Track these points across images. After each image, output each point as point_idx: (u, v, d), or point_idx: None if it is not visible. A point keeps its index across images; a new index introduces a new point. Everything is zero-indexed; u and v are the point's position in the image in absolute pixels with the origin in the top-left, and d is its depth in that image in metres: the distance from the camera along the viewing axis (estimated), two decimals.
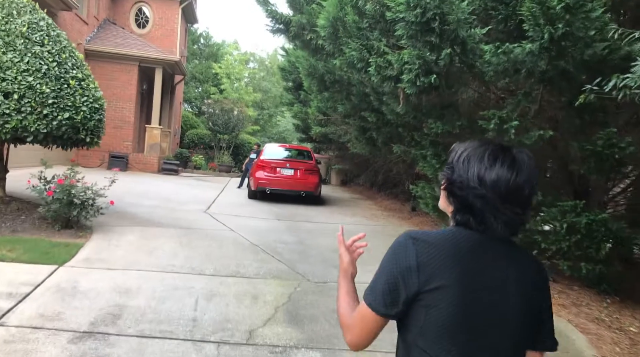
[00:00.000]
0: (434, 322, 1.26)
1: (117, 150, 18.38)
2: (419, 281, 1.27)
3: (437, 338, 1.27)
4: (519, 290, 1.31)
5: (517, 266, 1.33)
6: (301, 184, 13.43)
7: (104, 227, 7.88)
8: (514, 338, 1.31)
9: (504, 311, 1.29)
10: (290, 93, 20.76)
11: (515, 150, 1.34)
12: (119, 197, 10.94)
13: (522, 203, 1.30)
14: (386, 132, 9.35)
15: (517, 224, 1.32)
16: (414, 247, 1.30)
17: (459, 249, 1.29)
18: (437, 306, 1.26)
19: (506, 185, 1.27)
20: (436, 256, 1.28)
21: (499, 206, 1.28)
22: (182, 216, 9.84)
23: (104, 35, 18.89)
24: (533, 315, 1.34)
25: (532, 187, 1.31)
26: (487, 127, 5.75)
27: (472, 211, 1.32)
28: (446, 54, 5.34)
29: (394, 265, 1.31)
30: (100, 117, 8.24)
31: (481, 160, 1.31)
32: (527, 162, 1.32)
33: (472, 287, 1.26)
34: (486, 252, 1.30)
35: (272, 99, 44.17)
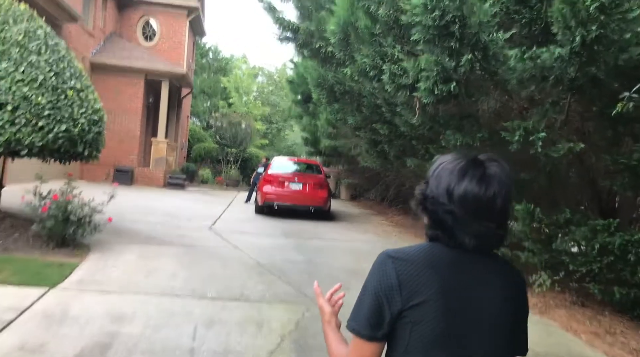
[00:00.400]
0: (419, 339, 1.25)
1: (122, 164, 18.06)
2: (402, 299, 1.25)
3: (423, 354, 1.26)
4: (501, 302, 1.30)
5: (499, 280, 1.32)
6: (310, 199, 13.00)
7: (102, 246, 7.48)
8: (499, 349, 1.31)
9: (487, 324, 1.28)
10: (299, 106, 20.37)
11: (488, 162, 1.32)
12: (121, 213, 10.57)
13: (495, 217, 1.28)
14: (399, 145, 8.93)
15: (492, 237, 1.30)
16: (393, 266, 1.29)
17: (438, 264, 1.28)
18: (421, 322, 1.25)
19: (474, 200, 1.26)
20: (416, 273, 1.26)
21: (469, 221, 1.26)
22: (185, 232, 9.43)
23: (110, 48, 18.68)
24: (516, 325, 1.34)
25: (504, 199, 1.28)
26: (511, 139, 5.31)
27: (442, 227, 1.30)
28: (467, 60, 4.92)
29: (376, 286, 1.29)
30: (100, 130, 7.87)
31: (450, 175, 1.30)
32: (499, 174, 1.29)
33: (454, 301, 1.26)
34: (466, 266, 1.30)
35: (280, 112, 43.92)
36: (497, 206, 1.27)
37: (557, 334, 5.50)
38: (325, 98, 10.28)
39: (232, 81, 39.85)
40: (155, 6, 20.78)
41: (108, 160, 17.95)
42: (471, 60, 5.00)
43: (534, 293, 6.68)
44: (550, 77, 4.87)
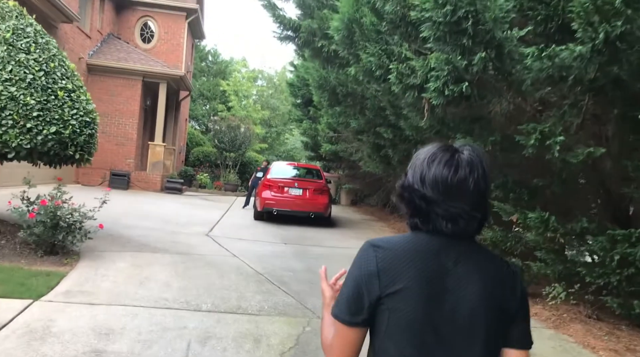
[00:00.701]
0: (397, 325, 1.28)
1: (119, 168, 17.73)
2: (380, 286, 1.29)
3: (401, 340, 1.28)
4: (483, 290, 1.29)
5: (479, 264, 1.32)
6: (310, 205, 12.67)
7: (93, 253, 7.15)
8: (480, 337, 1.29)
9: (468, 312, 1.28)
10: (299, 109, 20.08)
11: (461, 148, 1.35)
12: (115, 218, 10.24)
13: (467, 198, 1.29)
14: (403, 149, 8.60)
15: (468, 220, 1.30)
16: (374, 254, 1.32)
17: (418, 252, 1.30)
18: (399, 309, 1.27)
19: (444, 182, 1.29)
20: (396, 261, 1.29)
21: (441, 203, 1.29)
22: (181, 239, 9.09)
23: (107, 49, 18.37)
24: (501, 314, 1.32)
25: (476, 182, 1.29)
26: (526, 143, 4.99)
27: (418, 213, 1.34)
28: (480, 58, 4.61)
29: (357, 273, 1.34)
30: (92, 132, 7.54)
31: (423, 162, 1.35)
32: (469, 158, 1.32)
33: (432, 288, 1.27)
34: (447, 254, 1.31)
35: (280, 116, 43.56)
36: (469, 188, 1.29)
37: (574, 350, 5.17)
38: (326, 100, 9.96)
39: (231, 84, 39.55)
40: (153, 8, 20.49)
41: (104, 164, 17.64)
42: (484, 59, 4.68)
43: (546, 305, 6.35)
44: (569, 77, 4.55)
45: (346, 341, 1.34)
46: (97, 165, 17.42)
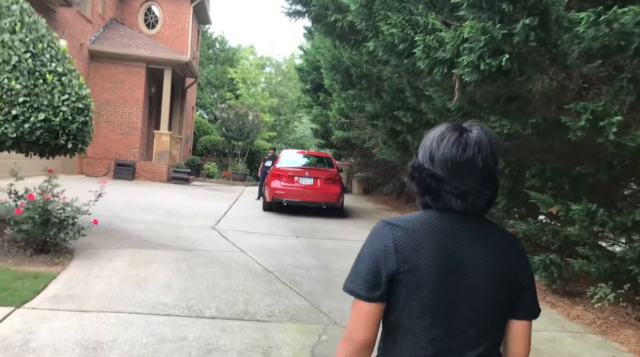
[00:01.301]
0: (415, 300, 1.31)
1: (123, 158, 17.17)
2: (397, 261, 1.32)
3: (419, 315, 1.32)
4: (494, 263, 1.35)
5: (491, 242, 1.38)
6: (321, 195, 12.04)
7: (87, 251, 6.57)
8: (493, 308, 1.36)
9: (481, 285, 1.33)
10: (309, 95, 19.36)
11: (470, 127, 1.39)
12: (116, 211, 9.68)
13: (476, 176, 1.33)
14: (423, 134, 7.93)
15: (477, 197, 1.34)
16: (391, 232, 1.36)
17: (432, 229, 1.34)
18: (417, 285, 1.31)
19: (453, 160, 1.33)
20: (411, 238, 1.33)
21: (451, 181, 1.33)
22: (185, 233, 8.50)
23: (110, 35, 17.75)
24: (511, 286, 1.38)
25: (485, 160, 1.34)
26: (574, 126, 4.31)
27: (429, 191, 1.38)
28: (523, 25, 3.92)
29: (373, 249, 1.37)
30: (86, 119, 6.94)
31: (432, 142, 1.39)
32: (478, 137, 1.35)
33: (448, 264, 1.31)
34: (459, 231, 1.35)
35: (289, 104, 42.89)
36: (478, 166, 1.33)
37: None
38: (339, 83, 9.28)
39: (239, 72, 38.90)
40: None
41: (109, 154, 17.10)
42: (527, 27, 4.00)
43: (589, 307, 5.71)
44: (630, 46, 3.86)
45: (366, 318, 1.35)
46: (101, 155, 16.92)
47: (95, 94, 16.89)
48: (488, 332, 1.38)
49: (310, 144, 39.11)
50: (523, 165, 5.95)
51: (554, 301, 6.01)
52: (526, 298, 1.43)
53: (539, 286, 6.61)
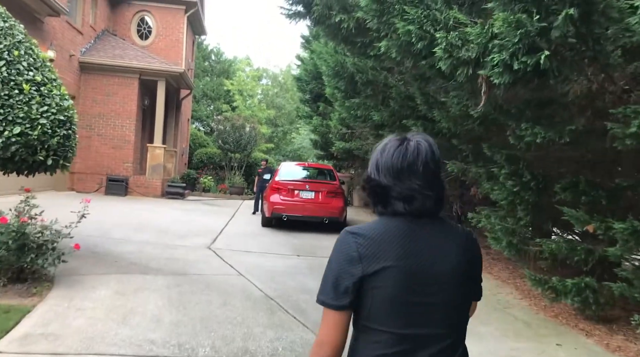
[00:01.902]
0: (381, 301, 1.40)
1: (116, 173, 16.55)
2: (362, 268, 1.40)
3: (386, 314, 1.41)
4: (454, 259, 1.45)
5: (448, 239, 1.48)
6: (323, 209, 11.43)
7: (70, 278, 5.95)
8: (460, 299, 1.47)
9: (446, 280, 1.43)
10: (308, 105, 18.79)
11: (410, 136, 1.50)
12: (106, 231, 9.06)
13: (418, 177, 1.44)
14: None
15: (423, 200, 1.44)
16: (354, 240, 1.44)
17: (391, 234, 1.43)
18: (381, 288, 1.39)
19: (394, 167, 1.45)
20: (373, 245, 1.42)
21: (395, 187, 1.45)
22: (179, 255, 7.88)
23: (101, 46, 17.19)
24: (469, 277, 1.50)
25: (425, 163, 1.44)
26: (624, 132, 3.73)
27: (378, 199, 1.49)
28: (567, 15, 3.35)
29: (339, 259, 1.45)
30: (69, 133, 6.34)
31: (377, 153, 1.52)
32: (417, 144, 1.46)
33: (410, 265, 1.40)
34: (416, 232, 1.44)
35: (286, 115, 42.45)
36: (419, 169, 1.44)
37: None
38: (342, 91, 8.70)
39: (235, 84, 38.56)
40: (150, 2, 19.28)
41: (100, 168, 16.49)
42: (568, 20, 3.43)
43: (630, 337, 5.10)
44: None
45: (335, 325, 1.43)
46: (93, 170, 16.32)
47: (87, 107, 16.34)
48: (457, 322, 1.48)
49: (309, 156, 38.57)
50: (550, 178, 5.36)
51: (589, 328, 5.41)
52: (477, 283, 1.58)
53: (569, 310, 6.00)
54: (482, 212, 6.77)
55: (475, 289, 1.59)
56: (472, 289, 1.56)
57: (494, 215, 6.47)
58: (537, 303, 6.42)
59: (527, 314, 6.03)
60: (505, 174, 5.54)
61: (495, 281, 7.61)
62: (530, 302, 6.51)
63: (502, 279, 7.69)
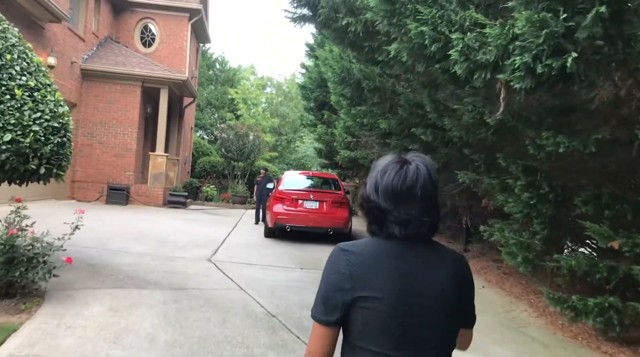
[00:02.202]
0: (370, 322, 1.40)
1: (117, 182, 16.30)
2: (353, 287, 1.41)
3: (375, 336, 1.41)
4: (443, 283, 1.44)
5: (439, 263, 1.48)
6: (328, 220, 11.13)
7: (62, 293, 5.66)
8: (445, 325, 1.45)
9: (433, 302, 1.42)
10: (312, 113, 18.53)
11: (410, 159, 1.49)
12: (104, 242, 8.79)
13: (417, 202, 1.45)
14: (444, 154, 7.07)
15: (418, 225, 1.44)
16: (346, 258, 1.45)
17: (383, 256, 1.45)
18: (371, 308, 1.39)
19: (394, 190, 1.45)
20: (365, 264, 1.43)
21: (393, 211, 1.45)
22: (178, 267, 7.59)
23: (103, 53, 17.00)
24: (460, 301, 1.49)
25: (423, 188, 1.44)
26: None
27: (374, 220, 1.50)
28: (598, 13, 3.07)
29: (330, 276, 1.47)
30: (63, 140, 6.07)
31: (377, 174, 1.50)
32: (417, 168, 1.46)
33: (400, 287, 1.40)
34: (407, 255, 1.45)
35: (290, 124, 42.26)
36: (417, 195, 1.45)
37: None
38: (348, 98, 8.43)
39: (239, 92, 38.42)
40: (153, 9, 19.11)
41: (101, 177, 16.25)
42: (600, 19, 3.14)
43: None
44: None
45: (323, 339, 1.46)
46: (94, 178, 16.08)
47: (88, 115, 16.13)
48: (444, 344, 1.48)
49: (312, 164, 38.29)
50: (570, 190, 5.06)
51: (612, 351, 5.07)
52: (469, 309, 1.58)
53: (589, 330, 5.67)
54: (495, 225, 6.46)
55: (467, 315, 1.58)
56: (463, 314, 1.55)
57: (508, 228, 6.16)
58: (554, 322, 6.09)
59: (543, 334, 5.70)
60: (521, 185, 5.24)
61: (508, 297, 7.29)
62: (547, 320, 6.18)
63: (516, 295, 7.37)
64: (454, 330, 1.50)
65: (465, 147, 6.44)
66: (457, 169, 6.66)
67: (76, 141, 15.94)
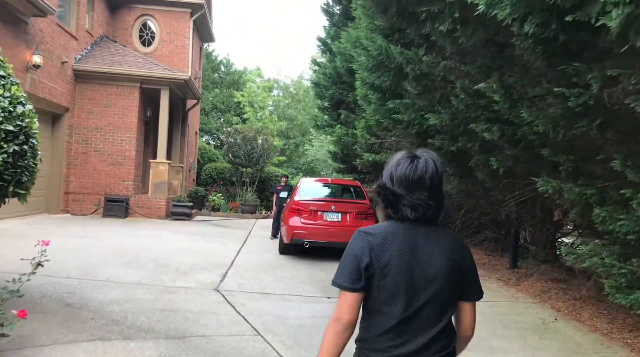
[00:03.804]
0: (385, 289, 1.75)
1: (115, 193, 14.88)
2: (371, 260, 1.76)
3: (388, 299, 1.76)
4: (443, 258, 1.79)
5: (440, 242, 1.81)
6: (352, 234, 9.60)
7: (19, 354, 4.21)
8: (444, 292, 1.78)
9: (435, 274, 1.77)
10: (327, 113, 17.04)
11: (420, 154, 1.84)
12: (91, 267, 7.37)
13: (426, 189, 1.78)
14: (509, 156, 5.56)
15: (426, 208, 1.78)
16: (366, 238, 1.80)
17: (395, 235, 1.78)
18: (386, 277, 1.74)
19: (407, 179, 1.79)
20: (381, 242, 1.77)
21: (406, 196, 1.79)
22: (178, 303, 6.13)
23: (98, 53, 15.62)
24: (457, 275, 1.81)
25: (431, 179, 1.78)
26: None
27: (390, 205, 1.84)
28: None
29: (355, 251, 1.80)
30: (23, 149, 4.65)
31: (392, 167, 1.86)
32: (426, 161, 1.80)
33: (408, 260, 1.75)
34: (416, 235, 1.79)
35: (298, 127, 40.87)
36: (426, 183, 1.78)
37: None
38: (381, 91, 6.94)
39: (246, 95, 37.10)
40: (153, 5, 17.68)
41: (98, 188, 14.86)
42: None
43: None
44: None
45: (348, 305, 1.77)
46: (90, 189, 14.71)
47: (82, 120, 14.76)
48: (444, 311, 1.80)
49: (322, 168, 36.82)
50: None
51: None
52: (470, 283, 1.88)
53: None
54: (585, 247, 4.95)
55: (466, 287, 1.87)
56: (461, 285, 1.85)
57: (607, 251, 4.66)
58: None
59: None
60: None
61: (593, 335, 5.78)
62: None
63: (602, 332, 5.86)
64: (452, 298, 1.83)
65: (543, 147, 4.95)
66: (531, 175, 5.18)
67: (69, 149, 14.55)
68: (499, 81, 4.70)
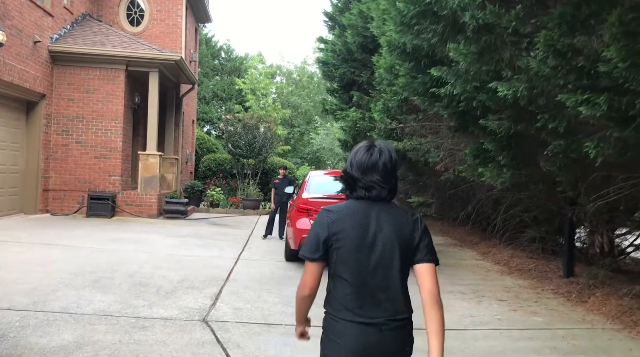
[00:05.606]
0: (340, 256, 2.01)
1: (100, 189, 13.28)
2: (329, 232, 2.01)
3: (343, 265, 2.01)
4: (395, 230, 2.02)
5: (391, 215, 2.05)
6: None
7: None
8: (395, 259, 2.01)
9: (385, 244, 2.00)
10: (337, 96, 15.32)
11: (377, 143, 2.11)
12: (47, 292, 5.79)
13: (378, 173, 2.03)
14: (617, 140, 3.89)
15: (379, 189, 2.04)
16: (326, 214, 2.05)
17: (352, 210, 2.04)
18: (340, 246, 2.00)
19: (363, 164, 2.05)
20: (339, 217, 2.02)
21: (362, 179, 2.04)
22: (149, 347, 4.50)
23: (79, 33, 13.95)
24: (407, 244, 2.03)
25: (384, 164, 2.04)
26: None
27: (348, 186, 2.11)
28: None
29: (315, 226, 2.06)
30: None
31: (351, 155, 2.13)
32: (380, 149, 2.07)
33: (361, 231, 2.00)
34: (370, 211, 2.03)
35: (302, 115, 39.16)
36: (379, 167, 2.03)
37: None
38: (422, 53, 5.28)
39: (247, 83, 35.42)
40: None
41: (81, 184, 13.27)
42: None
43: None
44: None
45: (310, 273, 2.05)
46: (72, 186, 13.12)
47: (61, 108, 13.14)
48: (393, 277, 2.01)
49: (328, 157, 35.12)
50: None
51: None
52: (423, 249, 2.04)
53: None
54: None
55: (422, 252, 2.04)
56: (412, 253, 2.04)
57: None
58: None
59: None
60: None
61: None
62: None
63: None
64: (402, 267, 2.02)
65: None
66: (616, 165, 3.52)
67: (47, 141, 12.94)
68: (618, 23, 3.06)
